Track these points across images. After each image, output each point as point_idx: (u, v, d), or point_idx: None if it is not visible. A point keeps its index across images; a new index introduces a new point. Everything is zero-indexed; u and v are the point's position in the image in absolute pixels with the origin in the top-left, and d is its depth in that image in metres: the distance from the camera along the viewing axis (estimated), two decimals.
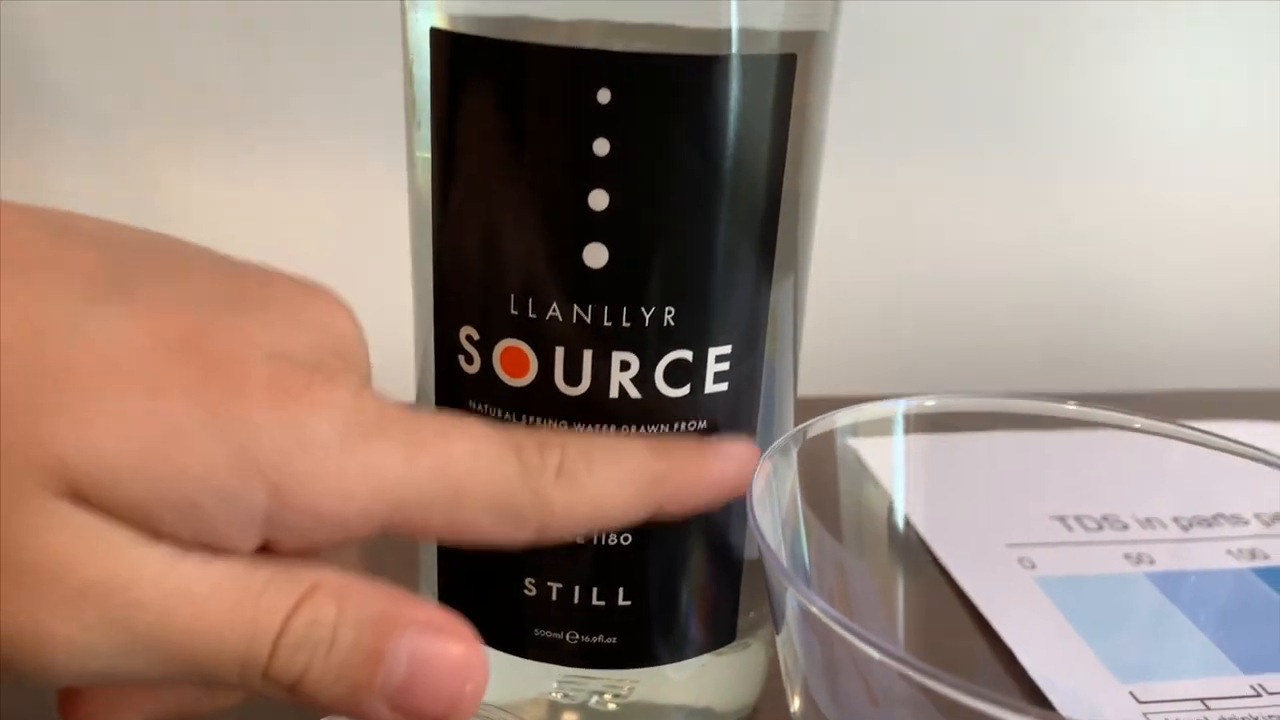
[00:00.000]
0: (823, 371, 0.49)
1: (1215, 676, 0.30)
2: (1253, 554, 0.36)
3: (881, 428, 0.22)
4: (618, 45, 0.20)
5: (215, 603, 0.15)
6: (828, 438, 0.21)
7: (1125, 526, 0.38)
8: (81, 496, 0.14)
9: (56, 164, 0.43)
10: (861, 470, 0.22)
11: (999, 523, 0.35)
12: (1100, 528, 0.37)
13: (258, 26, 0.41)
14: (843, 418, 0.21)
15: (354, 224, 0.43)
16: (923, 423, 0.23)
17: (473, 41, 0.20)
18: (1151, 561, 0.36)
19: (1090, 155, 0.50)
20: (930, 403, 0.22)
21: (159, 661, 0.15)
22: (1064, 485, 0.33)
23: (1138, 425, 0.25)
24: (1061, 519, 0.36)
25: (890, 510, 0.23)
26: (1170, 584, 0.34)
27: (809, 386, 0.41)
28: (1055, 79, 0.48)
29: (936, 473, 0.32)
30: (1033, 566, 0.34)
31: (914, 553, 0.30)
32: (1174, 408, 0.46)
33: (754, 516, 0.18)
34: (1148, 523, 0.38)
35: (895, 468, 0.32)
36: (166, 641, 0.15)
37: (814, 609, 0.16)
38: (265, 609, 0.16)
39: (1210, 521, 0.39)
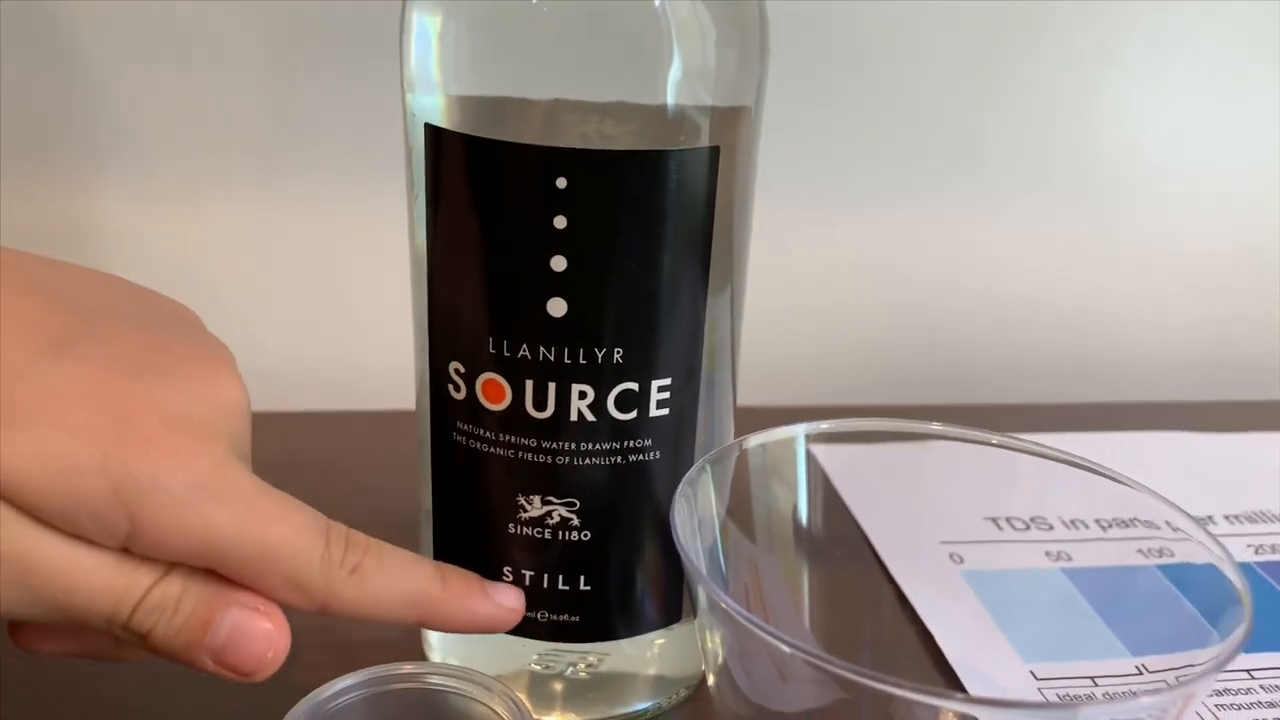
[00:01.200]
0: (790, 384, 0.53)
1: (1107, 659, 0.35)
2: (1160, 553, 0.40)
3: (786, 448, 0.27)
4: (590, 121, 0.25)
5: (95, 575, 0.21)
6: (743, 456, 0.26)
7: (1050, 527, 0.43)
8: (3, 496, 0.20)
9: (103, 195, 0.48)
10: (771, 480, 0.27)
11: (936, 522, 0.39)
12: (1028, 528, 0.41)
13: (286, 67, 0.46)
14: (753, 439, 0.26)
15: (371, 251, 0.48)
16: (824, 440, 0.27)
17: (459, 137, 0.25)
18: (1069, 559, 0.40)
19: (1041, 187, 0.54)
20: (825, 426, 0.27)
21: (48, 610, 0.21)
22: (999, 489, 0.37)
23: (994, 441, 0.29)
24: (994, 520, 0.40)
25: (796, 511, 0.28)
26: (1082, 578, 0.39)
27: (768, 397, 0.45)
28: (1014, 116, 0.52)
29: (886, 478, 0.36)
30: (961, 561, 0.38)
31: (843, 548, 0.35)
32: (1110, 418, 0.50)
33: (672, 524, 0.22)
34: (1072, 524, 0.43)
35: (851, 474, 0.36)
36: (52, 597, 0.21)
37: (722, 602, 0.21)
38: (134, 582, 0.22)
39: (1128, 524, 0.43)
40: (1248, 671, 0.34)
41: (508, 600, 0.27)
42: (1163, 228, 0.55)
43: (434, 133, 0.25)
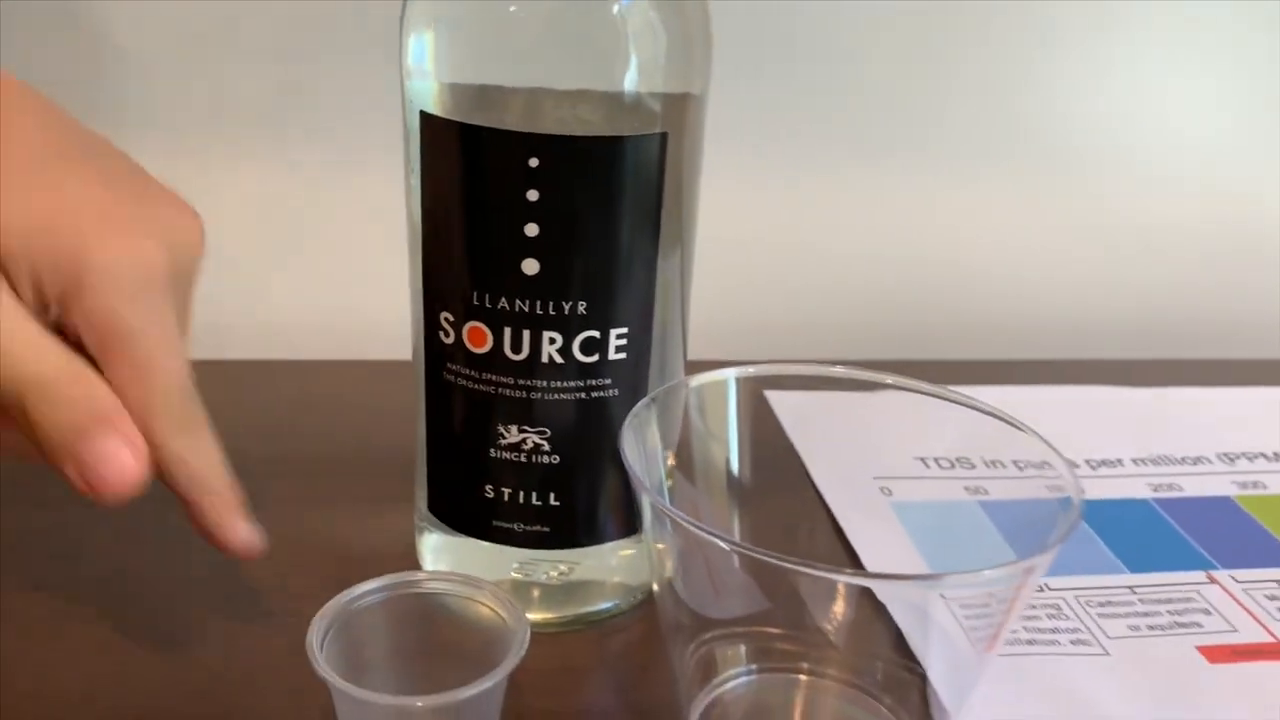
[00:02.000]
0: (747, 342, 0.58)
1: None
2: (1063, 489, 0.46)
3: (719, 389, 0.32)
4: (562, 108, 0.30)
5: (27, 333, 0.25)
6: (685, 393, 0.31)
7: (974, 466, 0.48)
8: None
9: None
10: (708, 414, 0.32)
11: (872, 460, 0.44)
12: (953, 466, 0.47)
13: (294, 47, 0.51)
14: (693, 380, 0.31)
15: (371, 217, 0.52)
16: (751, 384, 0.32)
17: (448, 123, 0.29)
18: (986, 493, 0.45)
19: (986, 159, 0.59)
20: (751, 370, 0.32)
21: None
22: (929, 432, 0.42)
23: (901, 383, 0.34)
24: (923, 459, 0.45)
25: (728, 442, 0.33)
26: (995, 510, 0.44)
27: (728, 353, 0.50)
28: (963, 94, 0.57)
29: (831, 422, 0.41)
30: (890, 494, 0.43)
31: (786, 479, 0.40)
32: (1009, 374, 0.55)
33: (622, 448, 0.27)
34: (992, 464, 0.48)
35: (800, 417, 0.41)
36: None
37: (664, 509, 0.26)
38: (57, 356, 0.25)
39: (1040, 465, 0.49)
40: (1130, 588, 0.40)
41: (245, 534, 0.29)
42: (1098, 198, 0.60)
43: (427, 118, 0.30)
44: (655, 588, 0.31)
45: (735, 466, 0.33)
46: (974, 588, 0.27)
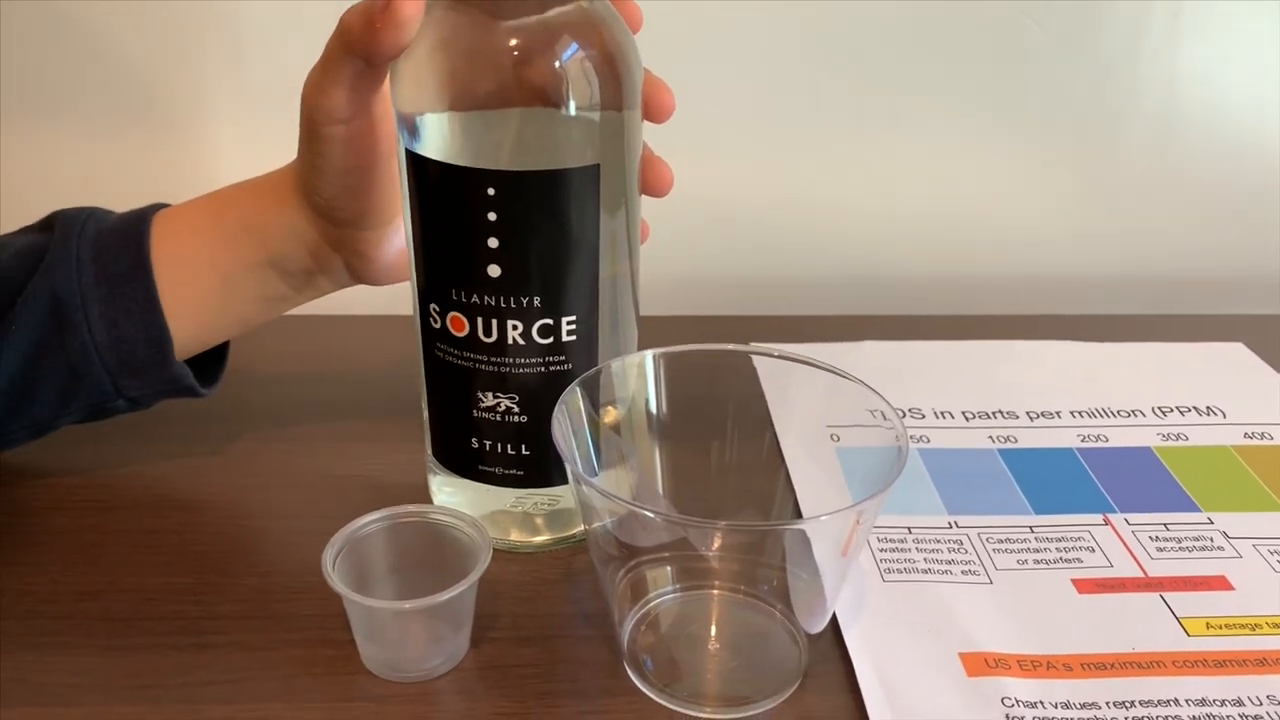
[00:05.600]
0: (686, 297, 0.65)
1: (927, 514, 0.46)
2: (1006, 439, 0.52)
3: (640, 365, 0.40)
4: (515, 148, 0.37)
5: None
6: (609, 375, 0.39)
7: (923, 415, 0.54)
8: None
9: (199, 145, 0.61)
10: (631, 386, 0.39)
11: (828, 410, 0.51)
12: (905, 415, 0.53)
13: None
14: (614, 364, 0.39)
15: None
16: (663, 361, 0.40)
17: (426, 161, 0.37)
18: (927, 441, 0.52)
19: (951, 123, 0.63)
20: (671, 349, 0.39)
21: None
22: (884, 386, 0.48)
23: (775, 353, 0.41)
24: (871, 411, 0.51)
25: (648, 406, 0.40)
26: (928, 457, 0.50)
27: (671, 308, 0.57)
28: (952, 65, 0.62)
29: (802, 379, 0.47)
30: (838, 440, 0.50)
31: (752, 428, 0.46)
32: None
33: (554, 433, 0.35)
34: (942, 415, 0.54)
35: (774, 376, 0.48)
36: None
37: (579, 476, 0.34)
38: None
39: (991, 415, 0.55)
40: (1030, 527, 0.46)
41: None
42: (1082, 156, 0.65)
43: (412, 157, 0.38)
44: (584, 528, 0.38)
45: (657, 422, 0.41)
46: (820, 529, 0.34)
